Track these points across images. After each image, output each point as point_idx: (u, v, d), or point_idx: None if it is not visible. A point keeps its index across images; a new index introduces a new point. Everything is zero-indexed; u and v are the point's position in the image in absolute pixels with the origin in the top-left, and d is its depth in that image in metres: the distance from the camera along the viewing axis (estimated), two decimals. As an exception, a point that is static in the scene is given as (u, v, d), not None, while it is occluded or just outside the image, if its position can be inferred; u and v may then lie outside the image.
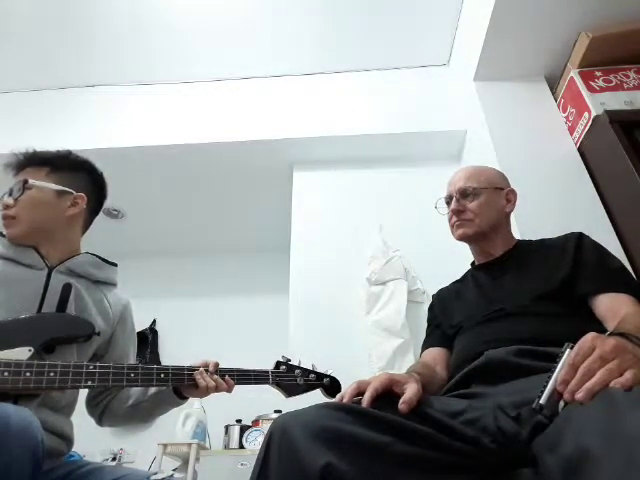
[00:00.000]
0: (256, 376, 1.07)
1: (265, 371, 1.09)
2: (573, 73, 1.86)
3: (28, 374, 0.79)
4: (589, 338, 0.60)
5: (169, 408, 1.07)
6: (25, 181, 1.02)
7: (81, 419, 1.04)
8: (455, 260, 1.38)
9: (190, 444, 2.06)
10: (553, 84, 2.04)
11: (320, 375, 1.16)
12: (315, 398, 0.92)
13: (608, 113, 1.66)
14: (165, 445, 2.07)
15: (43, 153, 1.10)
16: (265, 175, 2.44)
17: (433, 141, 2.22)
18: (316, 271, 1.99)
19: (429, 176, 2.11)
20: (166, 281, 3.02)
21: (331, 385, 1.15)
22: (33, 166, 1.07)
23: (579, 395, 0.53)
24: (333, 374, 1.18)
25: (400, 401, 0.69)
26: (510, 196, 1.17)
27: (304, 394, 1.11)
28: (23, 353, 0.83)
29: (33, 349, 0.85)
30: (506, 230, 1.16)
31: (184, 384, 0.98)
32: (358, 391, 0.72)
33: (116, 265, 1.16)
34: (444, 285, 1.25)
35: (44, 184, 1.04)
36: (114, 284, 1.15)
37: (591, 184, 1.73)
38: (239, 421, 2.20)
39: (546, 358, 0.77)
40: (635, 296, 0.90)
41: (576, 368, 0.57)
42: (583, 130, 1.78)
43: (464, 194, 1.13)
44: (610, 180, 1.68)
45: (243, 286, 2.98)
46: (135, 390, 1.07)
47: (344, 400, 0.71)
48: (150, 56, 2.36)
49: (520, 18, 1.81)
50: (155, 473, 0.91)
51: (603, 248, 1.02)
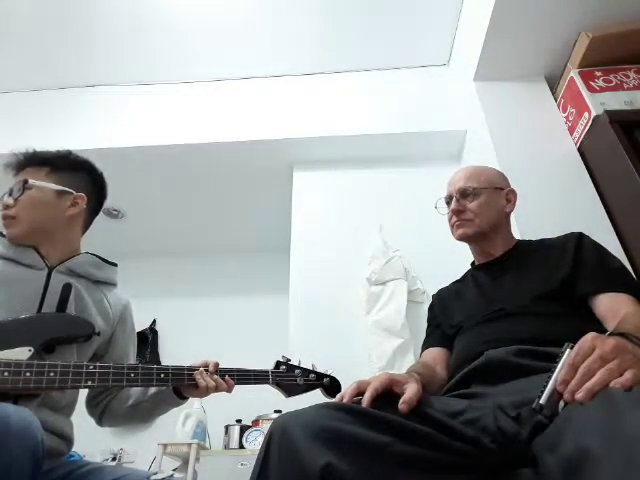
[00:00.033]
0: (256, 376, 1.07)
1: (265, 371, 1.09)
2: (573, 73, 1.86)
3: (28, 374, 0.79)
4: (589, 338, 0.60)
5: (169, 408, 1.07)
6: (25, 181, 1.02)
7: (81, 419, 1.04)
8: (455, 260, 1.38)
9: (190, 444, 2.06)
10: (553, 84, 2.04)
11: (320, 375, 1.16)
12: (315, 398, 0.92)
13: (608, 113, 1.66)
14: (165, 445, 2.07)
15: (43, 153, 1.10)
16: (265, 175, 2.44)
17: (433, 141, 2.22)
18: (316, 271, 1.99)
19: (429, 176, 2.11)
20: (166, 281, 3.02)
21: (331, 385, 1.15)
22: (33, 166, 1.07)
23: (579, 395, 0.53)
24: (333, 374, 1.18)
25: (400, 401, 0.69)
26: (510, 196, 1.18)
27: (304, 394, 1.11)
28: (23, 353, 0.83)
29: (33, 349, 0.85)
30: (506, 230, 1.16)
31: (184, 384, 0.98)
32: (358, 391, 0.72)
33: (116, 265, 1.16)
34: (444, 285, 1.25)
35: (44, 184, 1.04)
36: (114, 284, 1.15)
37: (591, 184, 1.73)
38: (239, 421, 2.20)
39: (546, 358, 0.77)
40: (635, 296, 0.90)
41: (576, 368, 0.57)
42: (583, 130, 1.78)
43: (464, 194, 1.14)
44: (610, 180, 1.68)
45: (243, 286, 2.98)
46: (135, 390, 1.07)
47: (344, 400, 0.71)
48: (150, 56, 2.36)
49: (520, 18, 1.81)
50: (155, 473, 0.91)
51: (603, 248, 1.02)
